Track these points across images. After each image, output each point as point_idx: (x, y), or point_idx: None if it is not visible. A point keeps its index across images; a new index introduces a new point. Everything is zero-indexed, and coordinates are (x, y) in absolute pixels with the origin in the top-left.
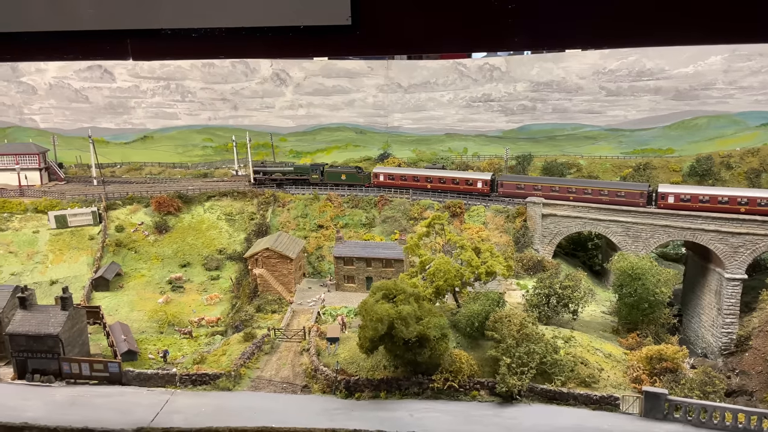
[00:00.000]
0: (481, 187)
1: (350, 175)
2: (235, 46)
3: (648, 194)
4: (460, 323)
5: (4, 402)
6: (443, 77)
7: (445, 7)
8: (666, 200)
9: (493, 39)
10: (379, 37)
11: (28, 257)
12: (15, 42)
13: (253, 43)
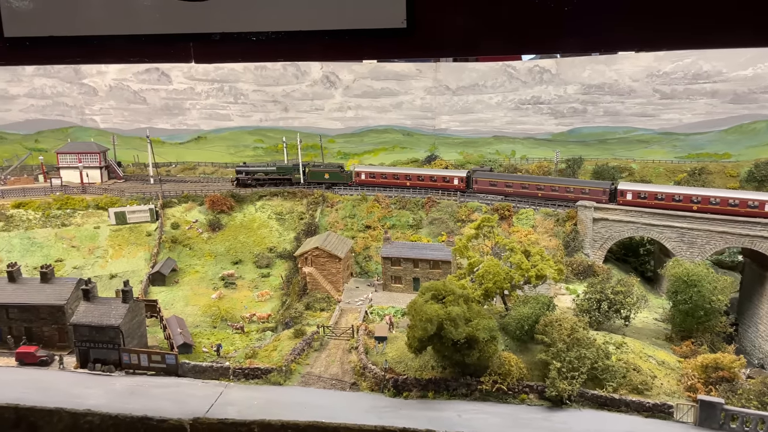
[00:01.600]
0: (458, 184)
1: (333, 174)
2: (292, 50)
3: (610, 191)
4: (510, 326)
5: (68, 389)
6: (492, 79)
7: (501, 9)
8: (625, 197)
9: (548, 41)
10: (435, 40)
11: (89, 252)
12: (84, 45)
13: (310, 46)
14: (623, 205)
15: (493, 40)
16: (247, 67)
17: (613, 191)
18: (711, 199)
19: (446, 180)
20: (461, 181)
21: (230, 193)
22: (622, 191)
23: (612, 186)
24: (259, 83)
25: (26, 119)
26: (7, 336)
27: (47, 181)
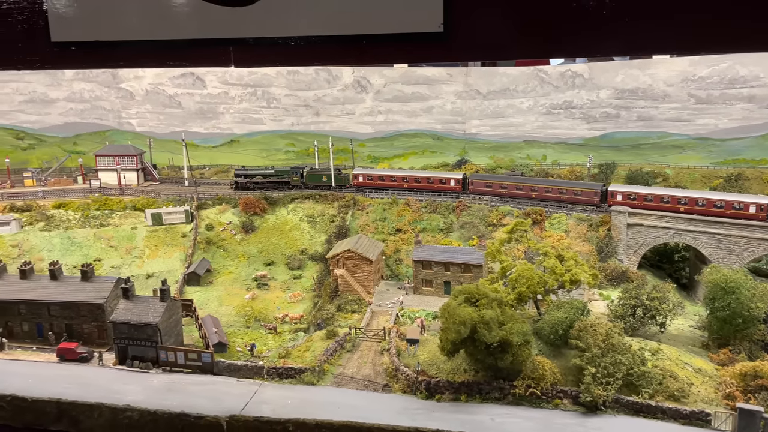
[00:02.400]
0: (454, 186)
1: (331, 176)
2: (328, 54)
3: (601, 193)
4: (543, 330)
5: (108, 385)
6: (523, 84)
7: (537, 12)
8: (615, 198)
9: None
10: (471, 44)
11: (126, 251)
12: (127, 50)
13: (347, 50)
14: (612, 205)
15: (530, 44)
16: (280, 71)
17: (604, 193)
18: (698, 201)
19: (443, 182)
20: (457, 183)
21: (263, 195)
22: (612, 192)
23: (603, 188)
24: (292, 88)
25: (65, 122)
26: (49, 332)
27: (86, 183)
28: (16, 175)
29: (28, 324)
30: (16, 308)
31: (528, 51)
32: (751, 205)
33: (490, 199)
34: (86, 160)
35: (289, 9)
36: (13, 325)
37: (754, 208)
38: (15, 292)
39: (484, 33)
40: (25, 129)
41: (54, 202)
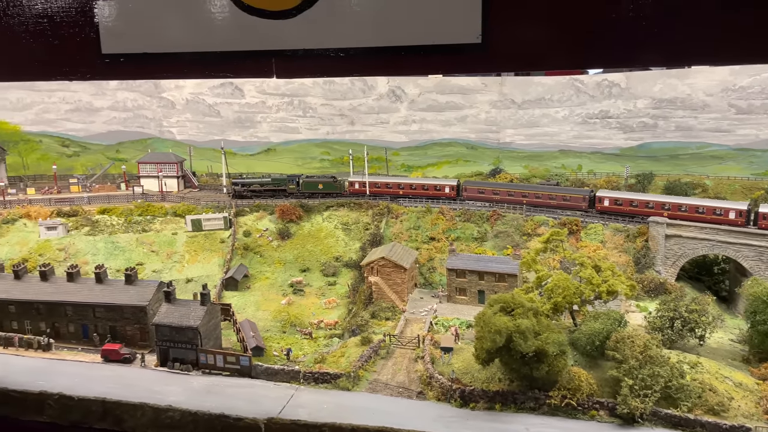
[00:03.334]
0: (449, 192)
1: (327, 184)
2: (368, 65)
3: (590, 198)
4: (580, 341)
5: (150, 386)
6: (558, 93)
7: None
8: (602, 203)
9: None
10: (508, 55)
11: (167, 256)
12: (172, 61)
13: (385, 61)
14: (600, 210)
15: (568, 55)
16: (316, 81)
17: (592, 198)
18: (681, 206)
19: (437, 188)
20: (452, 190)
21: (299, 203)
22: (600, 198)
23: (591, 193)
24: (327, 97)
25: (108, 131)
26: (94, 334)
27: (129, 189)
28: (62, 181)
29: (74, 325)
30: (63, 310)
31: (567, 62)
32: (731, 210)
33: (524, 209)
34: (128, 167)
35: (329, 21)
36: (60, 326)
37: (734, 214)
38: (62, 294)
39: (523, 44)
40: (71, 137)
41: (99, 207)
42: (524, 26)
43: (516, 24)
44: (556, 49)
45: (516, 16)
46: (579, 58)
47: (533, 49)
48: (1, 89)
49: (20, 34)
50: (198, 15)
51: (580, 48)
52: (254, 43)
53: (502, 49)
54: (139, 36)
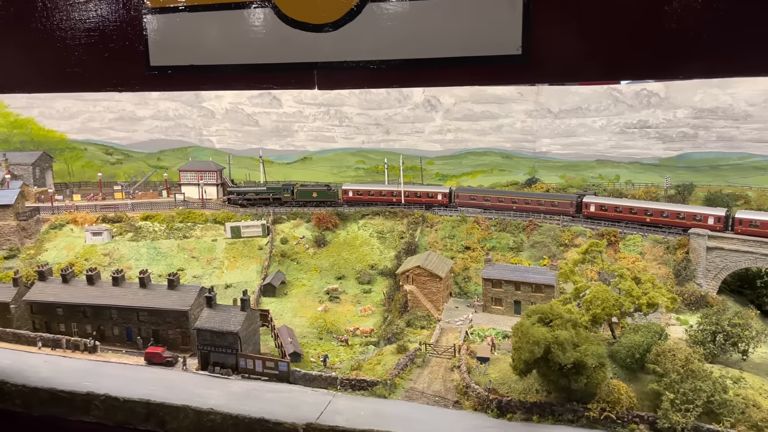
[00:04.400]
0: (441, 199)
1: (321, 192)
2: (407, 77)
3: (577, 204)
4: (619, 353)
5: (191, 389)
6: (596, 103)
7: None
8: (588, 209)
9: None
10: (550, 66)
11: (207, 262)
12: (217, 73)
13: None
14: (586, 216)
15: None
16: (353, 91)
17: (578, 204)
18: (662, 212)
19: (430, 196)
20: (444, 197)
21: (335, 211)
22: (586, 204)
23: (578, 199)
24: (363, 107)
25: (150, 139)
26: (137, 337)
27: (170, 196)
28: (106, 188)
29: (119, 328)
30: (108, 313)
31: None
32: (710, 216)
33: (561, 219)
34: (170, 174)
35: (370, 34)
36: (105, 328)
37: (712, 220)
38: (108, 298)
39: (564, 55)
40: (114, 145)
41: (142, 214)
42: (566, 37)
43: (557, 35)
44: (598, 60)
45: (557, 27)
46: (622, 70)
47: (575, 61)
48: (49, 99)
49: (72, 47)
50: (242, 28)
51: (623, 59)
52: (296, 56)
53: (543, 60)
54: (185, 49)
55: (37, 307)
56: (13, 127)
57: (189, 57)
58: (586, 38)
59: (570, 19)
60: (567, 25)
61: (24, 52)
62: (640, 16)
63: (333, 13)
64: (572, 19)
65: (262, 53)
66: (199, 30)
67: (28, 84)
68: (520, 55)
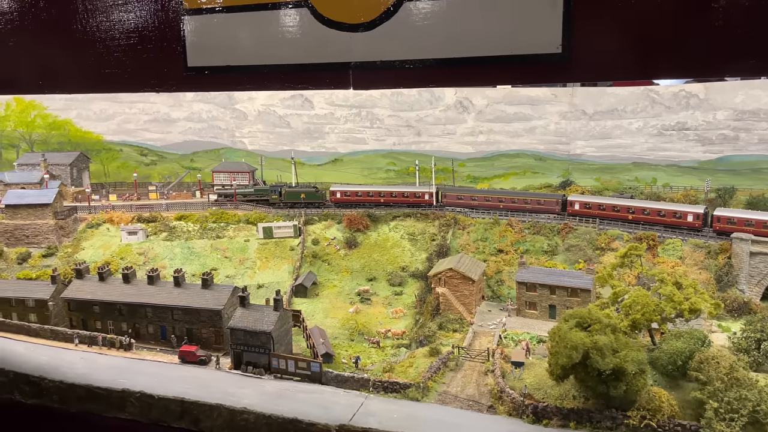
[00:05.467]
0: (428, 199)
1: (309, 194)
2: (443, 76)
3: (562, 202)
4: (660, 360)
5: (224, 388)
6: (632, 104)
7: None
8: (573, 207)
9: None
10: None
11: (240, 262)
12: (253, 74)
13: (462, 72)
14: (571, 214)
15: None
16: (384, 93)
17: (564, 202)
18: (644, 210)
19: (417, 196)
20: (430, 196)
21: (366, 213)
22: (571, 202)
23: (563, 197)
24: (395, 108)
25: (184, 140)
26: (171, 335)
27: (203, 197)
28: (141, 189)
29: (154, 326)
30: (143, 311)
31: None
32: (689, 214)
33: (597, 222)
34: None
35: (406, 34)
36: (140, 326)
37: (692, 217)
38: (143, 296)
39: (605, 54)
40: (149, 146)
41: (176, 214)
42: (607, 36)
43: (598, 33)
44: (640, 59)
45: (598, 26)
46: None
47: (616, 59)
48: (87, 101)
49: (112, 49)
50: (278, 29)
51: (665, 58)
52: (332, 56)
53: (584, 59)
54: (221, 50)
55: (74, 304)
56: (51, 128)
57: (225, 58)
58: (627, 37)
59: (611, 17)
60: (608, 23)
61: (65, 54)
62: (683, 14)
63: (369, 13)
64: (613, 17)
65: (298, 53)
66: (235, 31)
67: (69, 84)
68: (560, 53)
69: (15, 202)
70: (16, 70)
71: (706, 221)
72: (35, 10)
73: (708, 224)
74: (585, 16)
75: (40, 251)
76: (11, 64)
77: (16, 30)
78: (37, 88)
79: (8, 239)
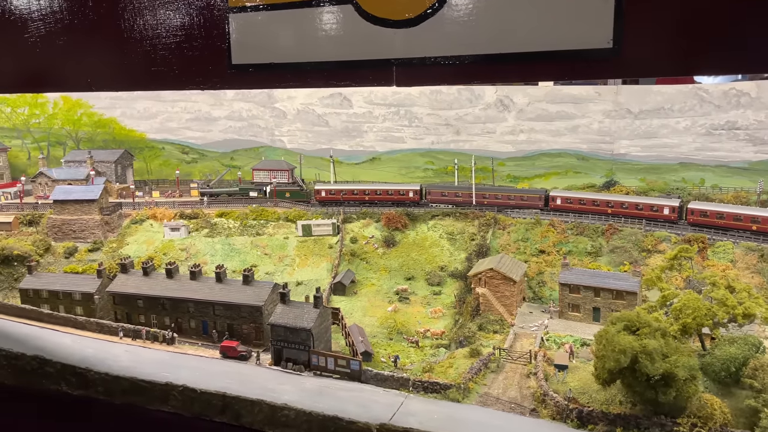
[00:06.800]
0: (412, 197)
1: (294, 192)
2: (489, 73)
3: (545, 198)
4: (713, 366)
5: (264, 384)
6: (680, 103)
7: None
8: (555, 202)
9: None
10: (644, 60)
11: (279, 259)
12: (298, 71)
13: (507, 68)
14: (553, 209)
15: (710, 60)
16: (423, 91)
17: (546, 197)
18: (622, 204)
19: (401, 193)
20: (415, 194)
21: (405, 211)
22: (553, 197)
23: (546, 193)
24: (434, 107)
25: (224, 139)
26: (212, 330)
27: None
28: (183, 186)
29: (195, 321)
30: (186, 306)
31: (709, 67)
32: (665, 207)
33: (644, 223)
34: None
35: (452, 29)
36: (182, 321)
37: (668, 210)
38: (186, 291)
39: (660, 48)
40: (190, 144)
41: (217, 211)
42: (661, 30)
43: (653, 27)
44: (699, 54)
45: (653, 18)
46: (726, 65)
47: (672, 55)
48: (131, 99)
49: (159, 48)
50: (322, 25)
51: (727, 54)
52: (376, 52)
53: (637, 54)
54: (265, 47)
55: (119, 298)
56: (97, 126)
57: (269, 55)
58: (685, 30)
59: (667, 8)
60: (664, 15)
61: (113, 52)
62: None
63: (414, 9)
64: (670, 9)
65: (341, 50)
66: (279, 28)
67: (117, 82)
68: (612, 48)
69: (63, 198)
70: (66, 68)
71: (681, 214)
72: (84, 9)
73: (683, 217)
74: (639, 6)
75: (86, 246)
76: (61, 62)
77: (66, 29)
78: (86, 86)
79: (56, 234)
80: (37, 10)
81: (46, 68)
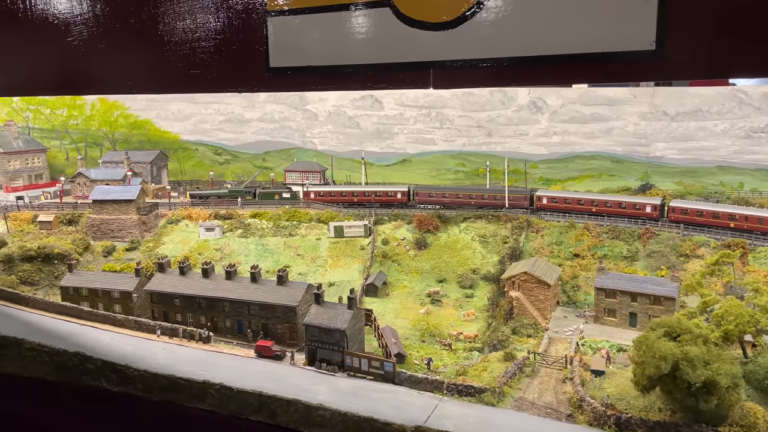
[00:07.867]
0: (400, 198)
1: (283, 194)
2: (527, 75)
3: (531, 197)
4: (756, 374)
5: (299, 384)
6: (718, 105)
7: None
8: (541, 201)
9: None
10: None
11: (311, 260)
12: (335, 74)
13: (545, 69)
14: (539, 208)
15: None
16: (455, 93)
17: (532, 197)
18: (606, 202)
19: (389, 194)
20: (403, 195)
21: (436, 213)
22: (539, 197)
23: (532, 193)
24: (465, 109)
25: (256, 140)
26: (247, 330)
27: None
28: (217, 187)
29: (231, 320)
30: (221, 305)
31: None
32: (647, 205)
33: (682, 228)
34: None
35: (489, 32)
36: (218, 320)
37: (650, 208)
38: (221, 291)
39: (702, 50)
40: (223, 146)
41: (251, 212)
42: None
43: (695, 28)
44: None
45: (695, 20)
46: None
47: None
48: (165, 101)
49: (198, 51)
50: (359, 29)
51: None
52: (413, 55)
53: (679, 56)
54: (303, 50)
55: (156, 296)
56: (133, 127)
57: (307, 58)
58: (727, 31)
59: (709, 10)
60: (705, 17)
61: (153, 55)
62: None
63: (452, 11)
64: (711, 11)
65: (379, 53)
66: (316, 31)
67: (157, 85)
68: (654, 50)
69: (102, 198)
70: (107, 71)
71: (663, 212)
72: (125, 14)
73: (665, 215)
74: (681, 9)
75: (123, 245)
76: (103, 65)
77: (107, 33)
78: (126, 88)
79: (95, 233)
80: (79, 15)
81: (87, 71)
